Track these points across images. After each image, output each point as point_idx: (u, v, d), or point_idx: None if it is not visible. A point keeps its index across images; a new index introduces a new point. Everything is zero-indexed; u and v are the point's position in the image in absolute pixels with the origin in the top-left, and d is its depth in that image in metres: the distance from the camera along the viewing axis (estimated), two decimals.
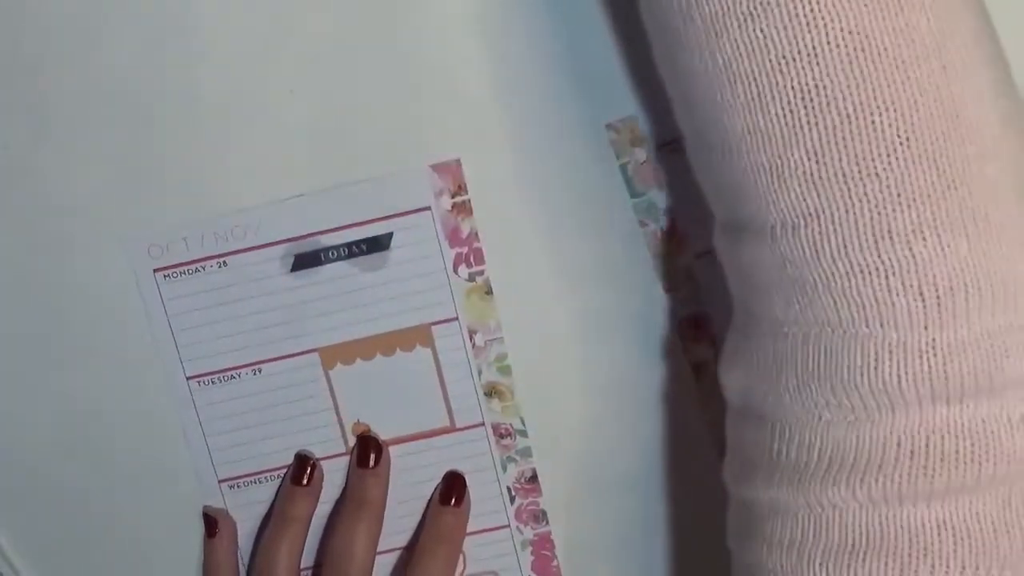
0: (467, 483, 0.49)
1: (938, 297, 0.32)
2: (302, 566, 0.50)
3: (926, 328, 0.32)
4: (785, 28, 0.32)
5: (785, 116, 0.32)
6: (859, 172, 0.32)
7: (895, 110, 0.31)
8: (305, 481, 0.48)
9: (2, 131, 0.46)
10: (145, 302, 0.48)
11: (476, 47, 0.45)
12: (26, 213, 0.47)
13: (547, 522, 0.50)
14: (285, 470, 0.49)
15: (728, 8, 0.32)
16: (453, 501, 0.49)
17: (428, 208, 0.46)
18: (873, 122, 0.32)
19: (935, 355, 0.32)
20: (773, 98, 0.32)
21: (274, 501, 0.50)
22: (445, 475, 0.49)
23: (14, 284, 0.47)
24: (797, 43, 0.32)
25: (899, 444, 0.33)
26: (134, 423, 0.49)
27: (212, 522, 0.49)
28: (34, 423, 0.49)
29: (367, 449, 0.48)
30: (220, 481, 0.49)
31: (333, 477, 0.49)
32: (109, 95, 0.46)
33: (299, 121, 0.46)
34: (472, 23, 0.44)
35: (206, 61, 0.45)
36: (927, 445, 0.32)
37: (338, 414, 0.49)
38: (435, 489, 0.49)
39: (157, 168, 0.46)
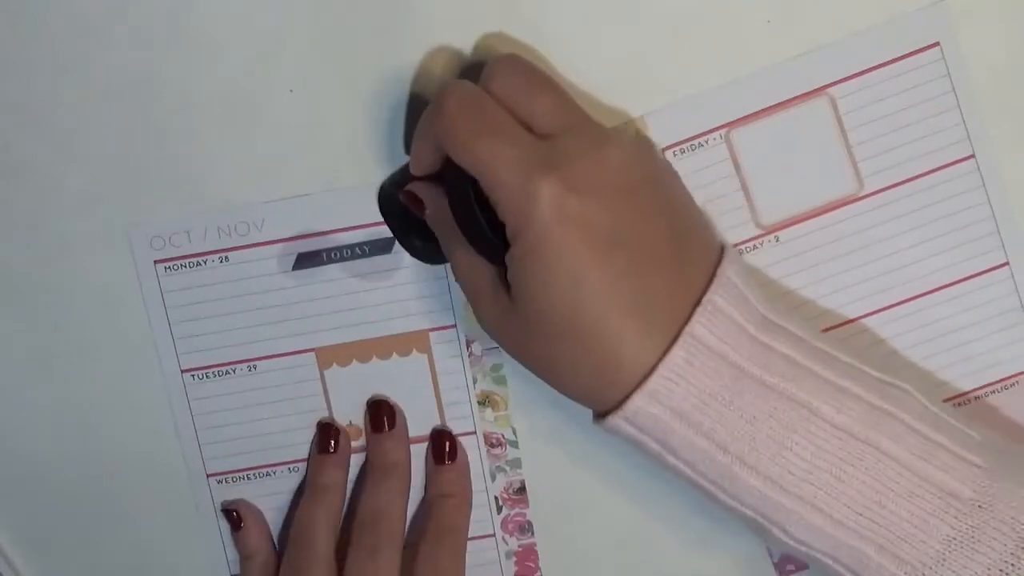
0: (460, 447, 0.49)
1: None
2: None
3: None
4: None
5: None
6: None
7: None
8: (332, 448, 0.48)
9: (6, 119, 0.46)
10: (144, 293, 0.47)
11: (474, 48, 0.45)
12: (30, 199, 0.47)
13: (532, 534, 0.50)
14: (274, 468, 0.49)
15: None
16: (447, 457, 0.48)
17: None
18: None
19: None
20: None
21: (305, 474, 0.49)
22: (431, 434, 0.49)
23: (16, 271, 0.47)
24: None
25: None
26: (127, 415, 0.49)
27: (234, 515, 0.49)
28: (30, 409, 0.49)
29: (380, 413, 0.48)
30: (208, 475, 0.49)
31: None
32: (117, 85, 0.46)
33: (307, 120, 0.46)
34: (468, 25, 0.45)
35: (215, 57, 0.45)
36: None
37: (331, 415, 0.49)
38: (426, 449, 0.49)
39: (162, 161, 0.46)
